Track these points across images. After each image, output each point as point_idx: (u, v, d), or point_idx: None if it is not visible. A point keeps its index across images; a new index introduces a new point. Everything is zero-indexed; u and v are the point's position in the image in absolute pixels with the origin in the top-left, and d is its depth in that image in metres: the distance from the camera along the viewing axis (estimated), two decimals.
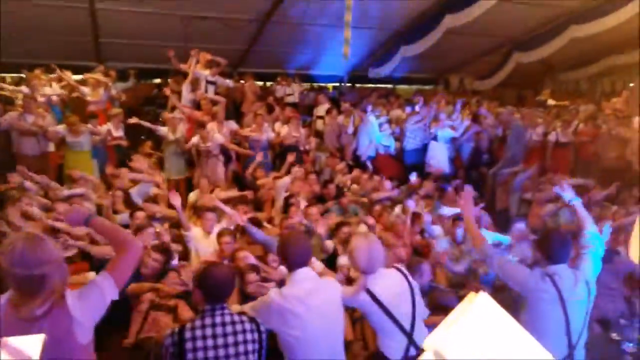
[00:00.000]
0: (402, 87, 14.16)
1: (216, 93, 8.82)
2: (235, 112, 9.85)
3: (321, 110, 9.79)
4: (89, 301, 2.07)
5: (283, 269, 4.17)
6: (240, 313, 2.73)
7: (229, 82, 9.06)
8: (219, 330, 2.52)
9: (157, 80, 11.67)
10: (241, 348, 2.54)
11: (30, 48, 9.63)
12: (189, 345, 2.46)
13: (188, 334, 2.48)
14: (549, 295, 2.92)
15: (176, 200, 5.02)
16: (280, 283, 3.77)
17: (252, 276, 4.19)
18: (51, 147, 7.16)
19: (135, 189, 6.15)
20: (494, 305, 2.15)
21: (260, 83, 12.53)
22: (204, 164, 7.22)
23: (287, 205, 6.08)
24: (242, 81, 11.11)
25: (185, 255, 5.24)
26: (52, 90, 8.08)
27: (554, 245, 3.01)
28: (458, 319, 2.13)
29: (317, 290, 2.80)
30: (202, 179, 6.64)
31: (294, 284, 2.79)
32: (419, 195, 6.85)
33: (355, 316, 4.67)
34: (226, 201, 5.69)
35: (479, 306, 2.14)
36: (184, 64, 8.69)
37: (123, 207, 5.84)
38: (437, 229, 5.87)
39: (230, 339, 2.52)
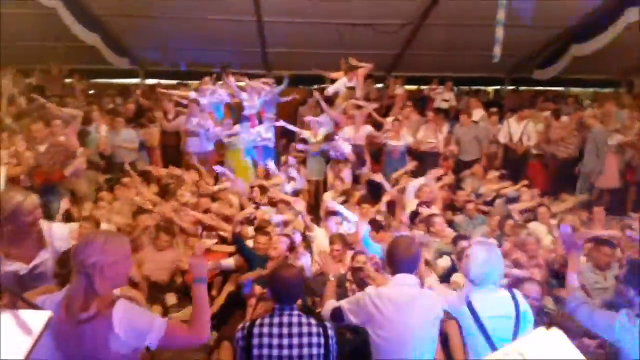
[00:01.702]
0: (576, 90, 12.69)
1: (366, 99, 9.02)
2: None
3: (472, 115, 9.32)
4: (133, 328, 2.00)
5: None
6: (315, 314, 2.82)
7: (358, 91, 9.10)
8: (285, 330, 2.63)
9: (315, 86, 12.30)
10: (305, 351, 2.61)
11: (204, 57, 11.02)
12: (255, 341, 2.61)
13: (256, 330, 2.63)
14: None
15: (299, 204, 5.33)
16: None
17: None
18: (212, 147, 8.08)
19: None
20: (565, 343, 1.92)
21: (415, 87, 12.45)
22: (334, 167, 7.47)
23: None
24: (397, 86, 11.12)
25: None
26: (218, 96, 9.09)
27: None
28: (520, 349, 1.95)
29: (415, 299, 2.75)
30: (336, 181, 6.88)
31: (392, 287, 2.80)
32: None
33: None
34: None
35: (546, 341, 1.95)
36: (335, 72, 9.09)
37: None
38: None
39: (296, 341, 2.62)
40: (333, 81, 9.21)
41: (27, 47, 9.81)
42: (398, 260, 2.82)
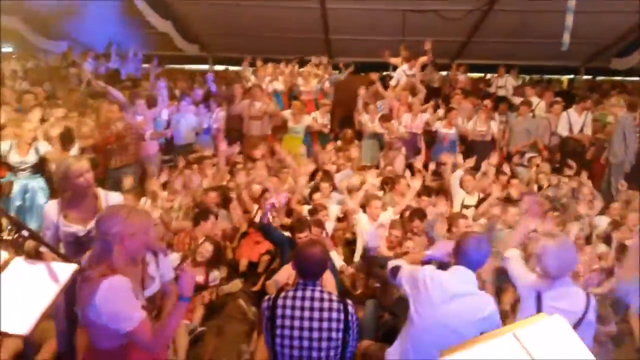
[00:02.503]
0: None
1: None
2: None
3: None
4: (112, 308, 2.04)
5: None
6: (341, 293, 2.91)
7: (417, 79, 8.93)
8: (307, 303, 2.75)
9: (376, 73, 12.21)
10: (325, 325, 2.72)
11: (269, 44, 11.29)
12: (279, 311, 2.75)
13: (280, 302, 2.78)
14: None
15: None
16: None
17: None
18: (269, 130, 8.28)
19: (340, 173, 6.82)
20: (567, 329, 1.88)
21: (481, 75, 12.06)
22: (387, 154, 7.48)
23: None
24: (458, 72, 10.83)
25: None
26: (277, 82, 9.31)
27: None
28: (518, 333, 1.92)
29: (464, 295, 2.74)
30: (388, 167, 6.90)
31: (448, 274, 2.83)
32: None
33: None
34: None
35: (546, 327, 1.90)
36: (395, 58, 9.03)
37: None
38: None
39: (316, 314, 2.73)
40: (395, 68, 9.15)
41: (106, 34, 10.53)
42: (463, 255, 2.81)
